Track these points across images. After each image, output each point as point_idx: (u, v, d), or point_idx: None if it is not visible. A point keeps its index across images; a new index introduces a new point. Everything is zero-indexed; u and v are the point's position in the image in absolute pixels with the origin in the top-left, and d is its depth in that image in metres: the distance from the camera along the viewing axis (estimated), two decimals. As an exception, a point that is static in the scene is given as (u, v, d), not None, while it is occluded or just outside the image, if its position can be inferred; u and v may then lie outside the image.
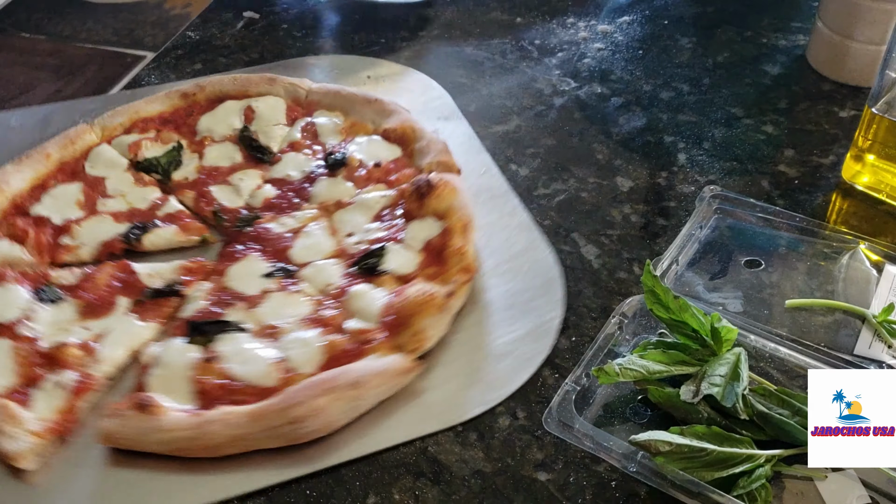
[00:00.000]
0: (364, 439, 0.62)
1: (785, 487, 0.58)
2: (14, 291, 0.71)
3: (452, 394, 0.65)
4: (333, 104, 0.88)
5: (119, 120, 0.88)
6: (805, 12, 1.08)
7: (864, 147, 0.80)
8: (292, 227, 0.77)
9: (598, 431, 0.58)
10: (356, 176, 0.80)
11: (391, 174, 0.80)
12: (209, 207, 0.80)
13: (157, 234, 0.78)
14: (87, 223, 0.79)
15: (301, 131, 0.86)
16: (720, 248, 0.74)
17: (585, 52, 1.04)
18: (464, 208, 0.73)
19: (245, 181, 0.83)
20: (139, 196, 0.82)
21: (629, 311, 0.67)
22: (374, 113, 0.86)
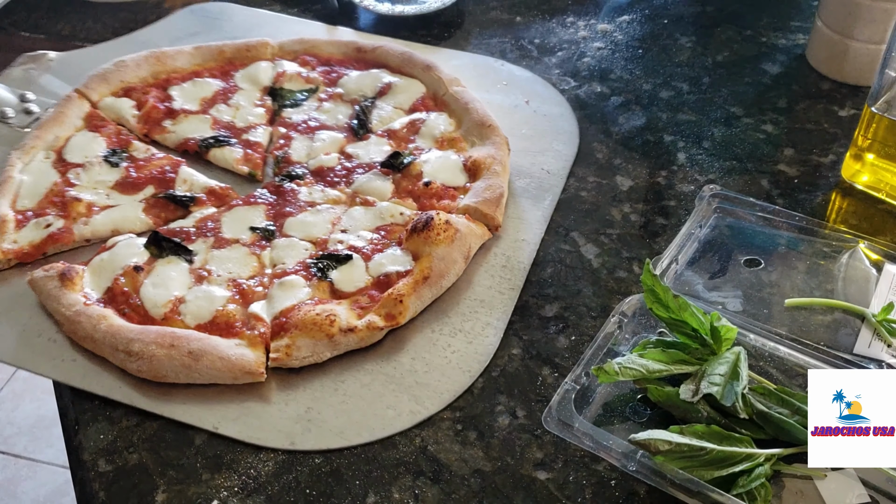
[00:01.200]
0: (183, 406, 0.65)
1: (784, 486, 0.58)
2: (97, 143, 0.84)
3: (286, 419, 0.64)
4: (457, 112, 0.87)
5: (296, 48, 0.96)
6: (805, 11, 1.08)
7: (864, 146, 0.80)
8: (313, 200, 0.79)
9: (597, 430, 0.58)
10: (403, 185, 0.80)
11: (433, 198, 0.78)
12: (278, 151, 0.85)
13: (222, 151, 0.85)
14: (192, 118, 0.87)
15: (407, 123, 0.87)
16: (720, 248, 0.74)
17: (585, 51, 1.04)
18: (443, 261, 0.70)
19: (324, 143, 0.85)
20: (246, 114, 0.89)
21: (629, 310, 0.67)
22: (479, 137, 0.83)
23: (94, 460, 0.62)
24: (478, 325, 0.70)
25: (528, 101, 0.92)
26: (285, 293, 0.69)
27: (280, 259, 0.73)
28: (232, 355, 0.65)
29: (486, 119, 0.85)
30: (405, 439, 0.63)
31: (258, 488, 0.60)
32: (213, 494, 0.60)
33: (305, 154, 0.84)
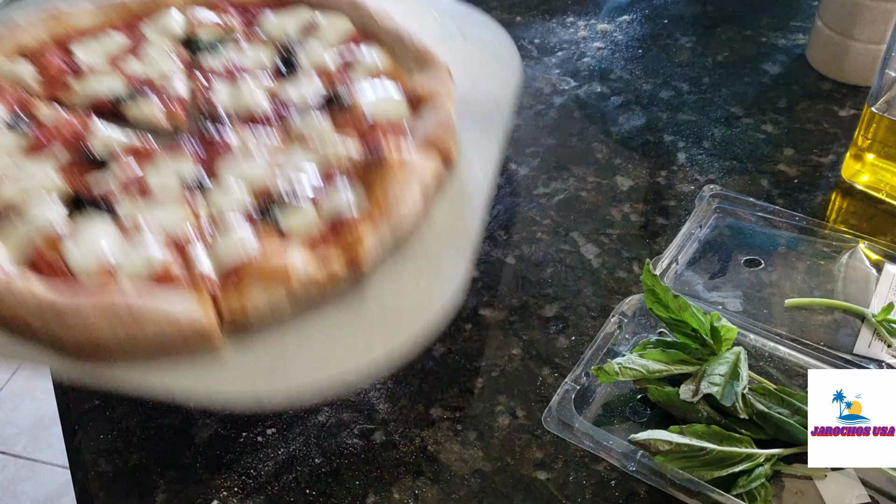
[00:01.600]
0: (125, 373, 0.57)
1: (784, 486, 0.58)
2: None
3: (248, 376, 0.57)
4: (390, 45, 0.82)
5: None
6: (805, 12, 1.08)
7: (864, 146, 0.80)
8: (246, 146, 0.73)
9: (597, 430, 0.58)
10: (343, 120, 0.74)
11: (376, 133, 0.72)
12: (200, 100, 0.79)
13: (139, 106, 0.77)
14: (100, 75, 0.80)
15: (339, 60, 0.81)
16: (720, 248, 0.74)
17: (585, 51, 1.04)
18: (398, 199, 0.65)
19: (250, 87, 0.79)
20: (161, 67, 0.82)
21: (629, 310, 0.67)
22: (418, 67, 0.78)
23: (94, 460, 0.62)
24: (443, 260, 0.64)
25: (462, 32, 0.87)
26: (230, 242, 0.63)
27: (218, 208, 0.67)
28: (181, 316, 0.58)
29: (424, 49, 0.80)
30: (404, 439, 0.63)
31: (258, 488, 0.60)
32: (213, 494, 0.60)
33: (231, 100, 0.78)
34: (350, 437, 0.63)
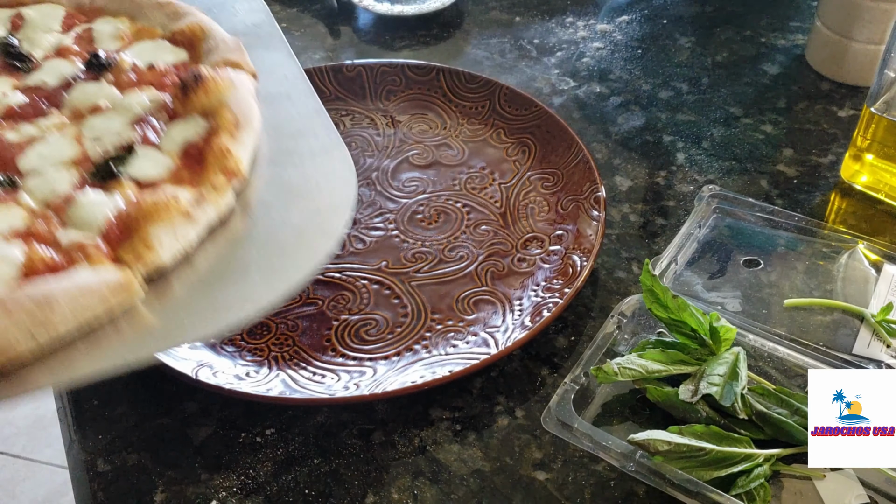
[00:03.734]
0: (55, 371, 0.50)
1: (783, 487, 0.58)
2: None
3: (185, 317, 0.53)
4: (120, 10, 0.78)
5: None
6: (804, 12, 1.08)
7: (863, 147, 0.80)
8: (30, 136, 0.66)
9: (596, 431, 0.58)
10: (123, 80, 0.70)
11: (167, 77, 0.70)
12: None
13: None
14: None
15: (75, 38, 0.76)
16: (719, 248, 0.74)
17: (584, 51, 1.04)
18: (240, 104, 0.63)
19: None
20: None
21: (628, 310, 0.67)
22: (165, 17, 0.76)
23: (93, 460, 0.62)
24: (312, 149, 0.63)
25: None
26: (88, 209, 0.58)
27: (49, 192, 0.61)
28: (88, 279, 0.52)
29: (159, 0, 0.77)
30: (404, 439, 0.63)
31: (257, 488, 0.60)
32: (212, 494, 0.60)
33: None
34: (349, 437, 0.63)
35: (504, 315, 0.70)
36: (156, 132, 0.64)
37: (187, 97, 0.64)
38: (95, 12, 0.78)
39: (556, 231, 0.77)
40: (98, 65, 0.71)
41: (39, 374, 0.50)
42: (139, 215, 0.56)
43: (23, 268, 0.54)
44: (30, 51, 0.75)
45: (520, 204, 0.81)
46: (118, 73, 0.70)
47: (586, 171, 0.79)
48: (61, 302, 0.51)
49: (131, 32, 0.76)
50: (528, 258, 0.75)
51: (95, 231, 0.57)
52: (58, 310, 0.50)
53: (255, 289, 0.54)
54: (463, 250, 0.77)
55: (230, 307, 0.53)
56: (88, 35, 0.76)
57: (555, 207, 0.80)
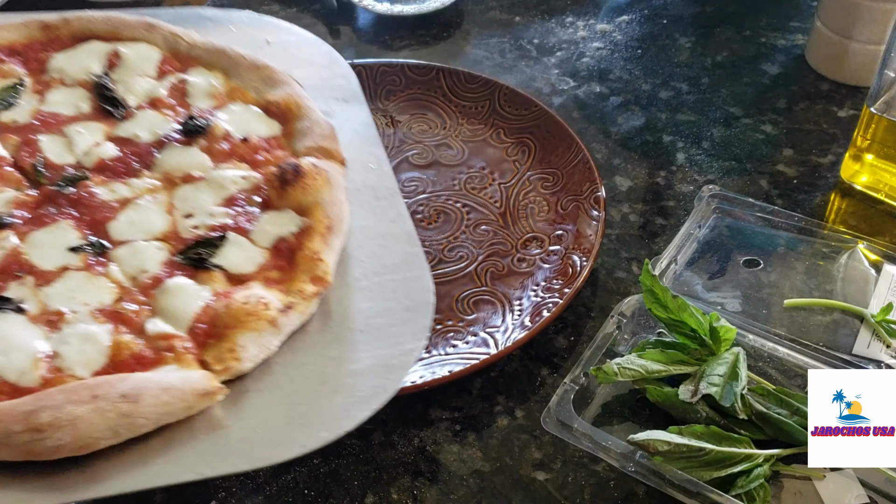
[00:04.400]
0: (131, 472, 0.50)
1: (783, 487, 0.58)
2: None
3: (261, 430, 0.52)
4: (216, 63, 0.76)
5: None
6: (804, 12, 1.08)
7: (863, 147, 0.80)
8: (123, 197, 0.65)
9: (596, 431, 0.58)
10: (216, 149, 0.68)
11: (259, 153, 0.68)
12: (30, 159, 0.67)
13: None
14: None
15: (169, 88, 0.74)
16: (719, 248, 0.74)
17: (584, 51, 1.03)
18: (334, 206, 0.62)
19: (83, 135, 0.70)
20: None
21: (628, 310, 0.66)
22: (260, 81, 0.74)
23: (92, 460, 0.62)
24: (396, 258, 0.62)
25: (268, 40, 0.82)
26: (178, 299, 0.58)
27: (137, 269, 0.60)
28: (175, 381, 0.52)
29: (258, 61, 0.75)
30: (403, 440, 0.63)
31: (256, 488, 0.60)
32: (212, 494, 0.60)
33: (68, 153, 0.69)
34: (348, 437, 0.63)
35: (504, 315, 0.70)
36: (248, 220, 0.63)
37: (284, 189, 0.63)
38: (191, 60, 0.77)
39: (555, 231, 0.77)
40: (192, 128, 0.70)
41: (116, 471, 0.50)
42: (228, 318, 0.55)
43: (109, 353, 0.54)
44: (124, 96, 0.73)
45: (520, 204, 0.81)
46: (211, 139, 0.69)
47: (586, 171, 0.79)
48: (148, 400, 0.50)
49: (225, 91, 0.74)
50: (527, 258, 0.75)
51: (183, 325, 0.56)
52: (143, 408, 0.50)
53: (331, 411, 0.53)
54: (463, 250, 0.77)
55: (305, 425, 0.52)
56: (182, 87, 0.75)
57: (555, 207, 0.79)
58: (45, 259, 0.60)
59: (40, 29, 0.77)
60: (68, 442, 0.49)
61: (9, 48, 0.76)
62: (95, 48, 0.77)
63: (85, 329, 0.55)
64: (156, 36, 0.78)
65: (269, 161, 0.68)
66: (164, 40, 0.78)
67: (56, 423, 0.48)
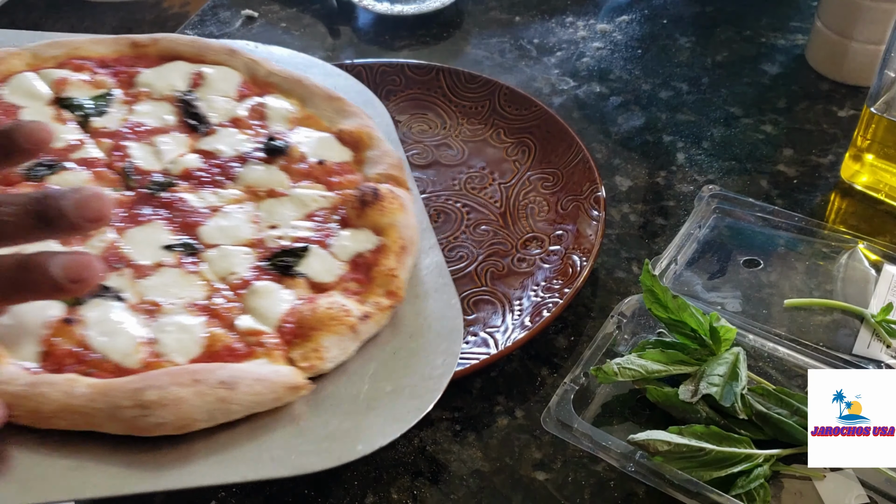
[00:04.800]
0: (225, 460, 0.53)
1: (783, 487, 0.58)
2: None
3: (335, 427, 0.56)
4: (292, 91, 0.80)
5: (54, 52, 0.79)
6: (804, 12, 1.08)
7: (863, 147, 0.80)
8: (211, 205, 0.69)
9: (596, 431, 0.58)
10: (294, 168, 0.72)
11: (333, 176, 0.73)
12: (120, 163, 0.71)
13: (65, 176, 0.69)
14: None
15: (249, 110, 0.78)
16: (719, 248, 0.74)
17: (584, 51, 1.04)
18: (407, 229, 0.67)
19: (169, 145, 0.74)
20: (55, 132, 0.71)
21: (628, 310, 0.66)
22: (333, 111, 0.78)
23: (92, 460, 0.62)
24: (428, 286, 0.66)
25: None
26: (267, 301, 0.62)
27: (226, 270, 0.64)
28: (267, 374, 0.56)
29: (331, 92, 0.79)
30: (403, 440, 0.63)
31: (256, 488, 0.60)
32: (212, 494, 0.60)
33: (155, 160, 0.72)
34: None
35: (504, 315, 0.70)
36: (327, 235, 0.67)
37: (363, 210, 0.67)
38: (268, 87, 0.81)
39: (555, 231, 0.77)
40: (273, 149, 0.73)
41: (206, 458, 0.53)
42: (314, 321, 0.59)
43: (205, 344, 0.58)
44: (207, 113, 0.77)
45: (519, 204, 0.81)
46: (290, 159, 0.73)
47: (586, 171, 0.79)
48: (243, 388, 0.54)
49: (300, 117, 0.78)
50: (527, 258, 0.75)
51: (271, 324, 0.60)
52: (238, 396, 0.54)
53: (379, 424, 0.56)
54: (463, 250, 0.77)
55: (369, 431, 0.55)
56: (261, 110, 0.78)
57: (555, 207, 0.79)
58: (141, 254, 0.64)
59: (129, 46, 0.82)
60: (170, 420, 0.52)
61: (100, 60, 0.80)
62: (181, 67, 0.81)
63: (180, 319, 0.60)
64: (237, 61, 0.82)
65: (342, 184, 0.71)
66: (244, 65, 0.81)
67: (161, 402, 0.52)
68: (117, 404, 0.52)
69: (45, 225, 0.49)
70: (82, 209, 0.51)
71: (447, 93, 0.92)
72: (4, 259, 0.51)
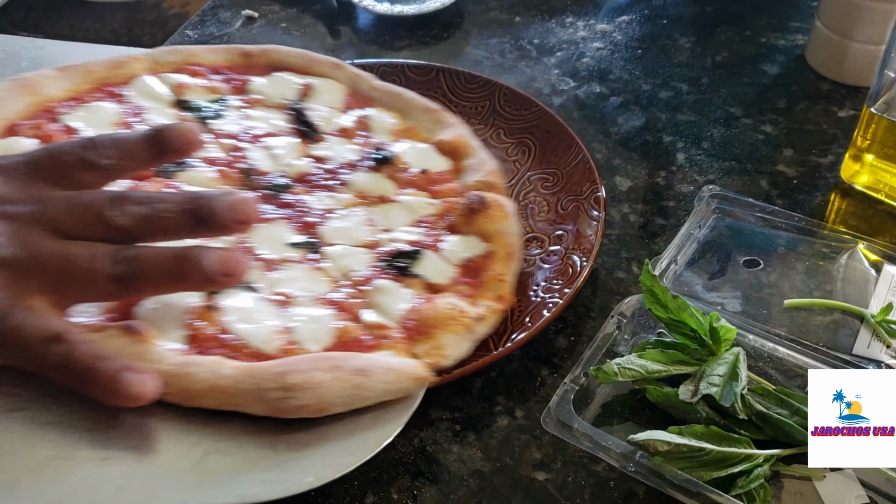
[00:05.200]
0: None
1: (783, 487, 0.58)
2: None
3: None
4: (392, 105, 0.85)
5: (172, 58, 0.86)
6: (804, 12, 1.08)
7: (863, 147, 0.80)
8: (328, 207, 0.74)
9: (596, 431, 0.58)
10: (399, 177, 0.78)
11: (435, 184, 0.77)
12: (240, 164, 0.78)
13: (191, 174, 0.75)
14: None
15: (354, 121, 0.84)
16: (719, 248, 0.74)
17: (584, 51, 1.04)
18: (512, 236, 0.71)
19: (283, 149, 0.80)
20: None
21: (628, 310, 0.66)
22: (431, 122, 0.83)
23: (92, 460, 0.62)
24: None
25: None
26: (389, 297, 0.66)
27: (348, 268, 0.69)
28: (396, 365, 0.59)
29: (429, 104, 0.84)
30: (403, 440, 0.63)
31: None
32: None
33: (272, 163, 0.78)
34: (349, 438, 0.63)
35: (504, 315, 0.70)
36: (437, 240, 0.72)
37: (471, 217, 0.72)
38: (369, 100, 0.86)
39: (555, 231, 0.77)
40: (380, 158, 0.79)
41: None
42: (434, 319, 0.63)
43: (336, 334, 0.62)
44: (317, 123, 0.83)
45: (519, 204, 0.81)
46: (395, 168, 0.78)
47: (586, 171, 0.79)
48: (376, 377, 0.58)
49: (401, 129, 0.83)
50: (527, 258, 0.75)
51: (394, 319, 0.64)
52: (371, 383, 0.57)
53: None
54: (463, 250, 0.77)
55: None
56: (365, 122, 0.83)
57: (555, 207, 0.79)
58: (268, 250, 0.69)
59: (240, 55, 0.88)
60: (311, 404, 0.56)
61: (212, 67, 0.87)
62: (289, 78, 0.87)
63: (310, 311, 0.64)
64: (341, 75, 0.88)
65: (443, 192, 0.77)
66: (347, 79, 0.88)
67: (303, 385, 0.56)
68: (262, 386, 0.55)
69: (199, 224, 0.54)
70: (233, 212, 0.56)
71: (447, 93, 0.92)
72: (163, 251, 0.56)
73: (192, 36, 1.10)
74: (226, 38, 1.09)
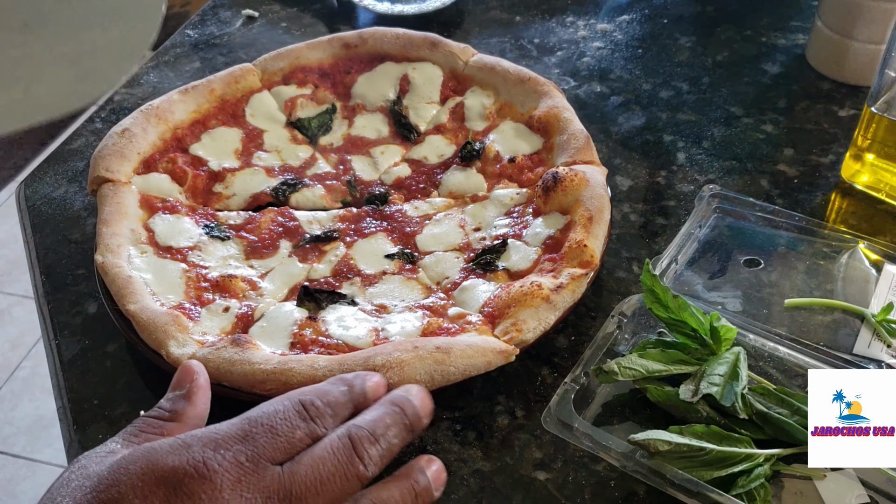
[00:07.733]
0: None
1: (784, 487, 0.58)
2: (186, 223, 0.77)
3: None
4: (486, 81, 0.88)
5: (280, 65, 0.91)
6: (804, 11, 1.08)
7: (864, 146, 0.80)
8: (424, 213, 0.78)
9: (596, 430, 0.58)
10: (489, 170, 0.81)
11: (524, 172, 0.80)
12: (345, 176, 0.83)
13: (304, 193, 0.81)
14: (241, 174, 0.82)
15: (449, 113, 0.87)
16: (719, 248, 0.74)
17: (585, 50, 1.03)
18: (593, 200, 0.72)
19: (384, 156, 0.84)
20: (292, 153, 0.85)
21: (628, 310, 0.66)
22: (524, 94, 0.85)
23: (93, 460, 0.62)
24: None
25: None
26: (473, 294, 0.69)
27: (441, 275, 0.72)
28: (477, 341, 0.63)
29: (522, 73, 0.86)
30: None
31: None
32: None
33: (374, 172, 0.83)
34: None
35: (504, 315, 0.71)
36: (523, 227, 0.75)
37: (548, 195, 0.74)
38: (467, 80, 0.90)
39: (556, 231, 0.77)
40: (470, 153, 0.82)
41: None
42: (510, 300, 0.66)
43: (422, 328, 0.67)
44: (416, 122, 0.87)
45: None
46: (485, 161, 0.82)
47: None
48: (457, 352, 0.62)
49: (495, 110, 0.86)
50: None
51: (475, 309, 0.68)
52: (453, 359, 0.62)
53: None
54: (463, 250, 0.77)
55: None
56: (460, 112, 0.87)
57: (555, 207, 0.79)
58: (368, 265, 0.74)
59: (342, 46, 0.92)
60: (395, 381, 0.59)
61: (318, 68, 0.91)
62: (389, 71, 0.90)
63: (403, 316, 0.69)
64: (437, 55, 0.90)
65: (531, 179, 0.79)
66: (444, 58, 0.90)
67: (387, 365, 0.60)
68: (352, 370, 0.60)
69: (413, 433, 0.52)
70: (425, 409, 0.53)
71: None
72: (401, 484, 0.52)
73: (193, 35, 1.10)
74: (226, 37, 1.09)
